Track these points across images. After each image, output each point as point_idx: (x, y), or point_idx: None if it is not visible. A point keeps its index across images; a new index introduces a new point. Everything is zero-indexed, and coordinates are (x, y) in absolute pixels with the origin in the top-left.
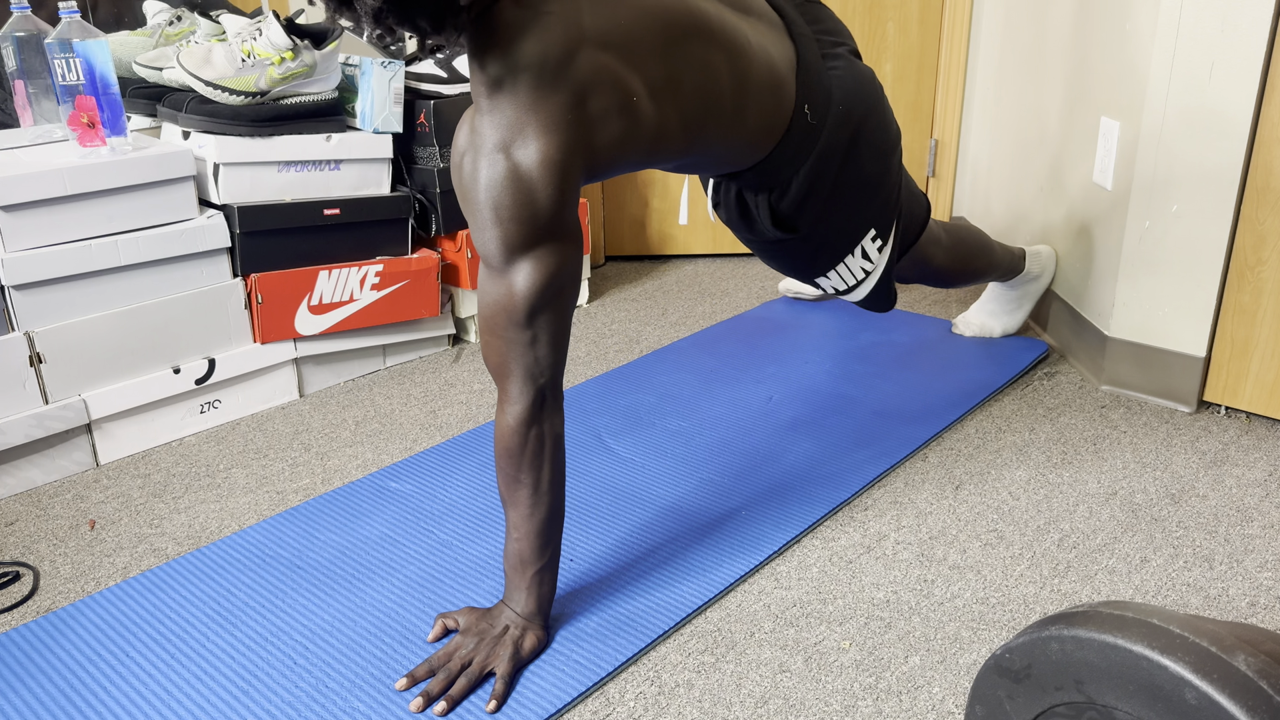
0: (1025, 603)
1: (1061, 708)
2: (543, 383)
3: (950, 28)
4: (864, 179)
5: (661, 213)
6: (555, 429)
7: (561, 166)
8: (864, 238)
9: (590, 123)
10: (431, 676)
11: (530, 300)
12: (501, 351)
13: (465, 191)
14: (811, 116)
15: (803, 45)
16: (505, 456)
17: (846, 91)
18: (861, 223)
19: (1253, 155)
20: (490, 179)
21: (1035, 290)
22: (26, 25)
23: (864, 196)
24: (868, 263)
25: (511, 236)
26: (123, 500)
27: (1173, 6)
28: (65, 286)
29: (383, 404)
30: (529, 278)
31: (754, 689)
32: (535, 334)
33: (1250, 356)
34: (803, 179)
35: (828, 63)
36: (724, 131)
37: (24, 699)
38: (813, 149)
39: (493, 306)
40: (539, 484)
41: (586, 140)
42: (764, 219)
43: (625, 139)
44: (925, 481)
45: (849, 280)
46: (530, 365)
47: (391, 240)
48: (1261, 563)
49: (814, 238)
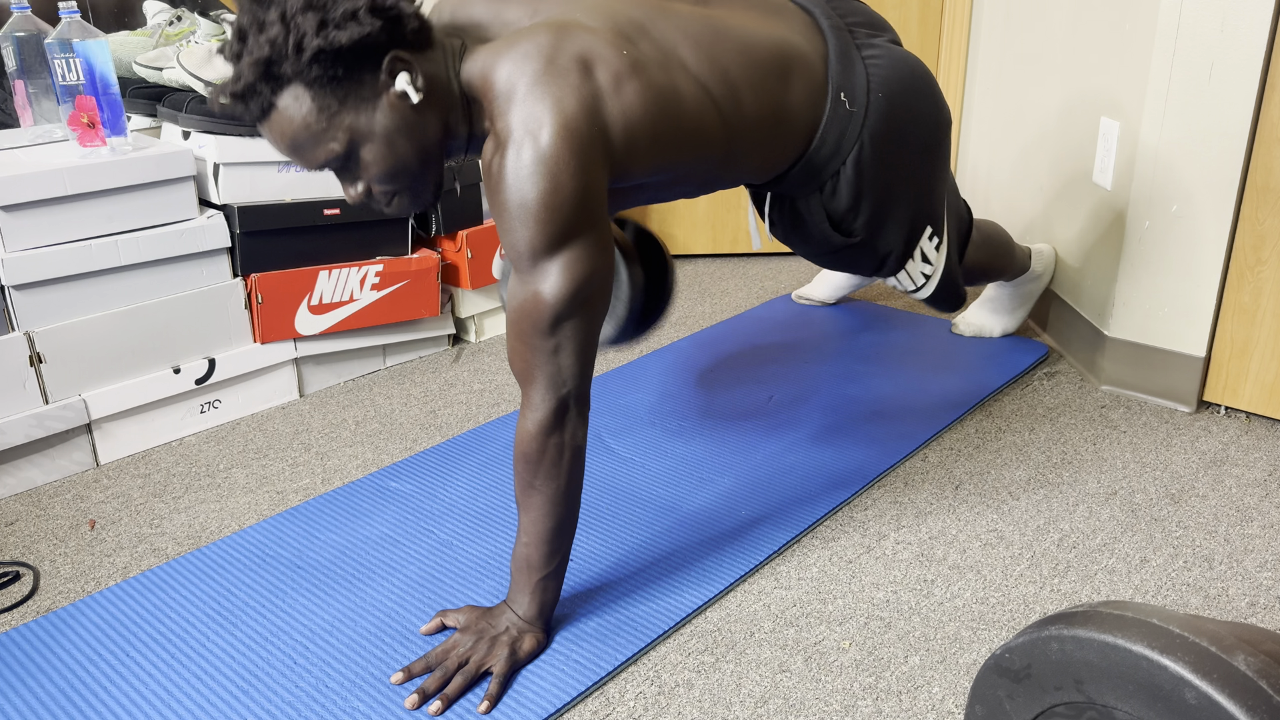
0: (1025, 603)
1: (1061, 708)
2: (565, 392)
3: (950, 28)
4: (915, 168)
5: (661, 212)
6: (576, 440)
7: (581, 136)
8: (921, 237)
9: (602, 94)
10: (428, 673)
11: (556, 307)
12: (525, 357)
13: (492, 195)
14: (850, 104)
15: (833, 36)
16: (522, 461)
17: (885, 77)
18: (919, 216)
19: (1253, 155)
20: (515, 170)
21: (1035, 290)
22: (26, 25)
23: (917, 188)
24: (927, 265)
25: (536, 235)
26: (123, 500)
27: (1173, 6)
28: (65, 286)
29: (383, 404)
30: (556, 283)
31: (754, 689)
32: (559, 342)
33: (1250, 356)
34: (850, 170)
35: (863, 52)
36: (757, 117)
37: (24, 699)
38: (856, 139)
39: (518, 311)
40: (554, 493)
41: (601, 110)
42: (820, 224)
43: (645, 109)
44: (925, 481)
45: (918, 279)
46: (553, 373)
47: (391, 240)
48: (1261, 563)
49: (871, 240)
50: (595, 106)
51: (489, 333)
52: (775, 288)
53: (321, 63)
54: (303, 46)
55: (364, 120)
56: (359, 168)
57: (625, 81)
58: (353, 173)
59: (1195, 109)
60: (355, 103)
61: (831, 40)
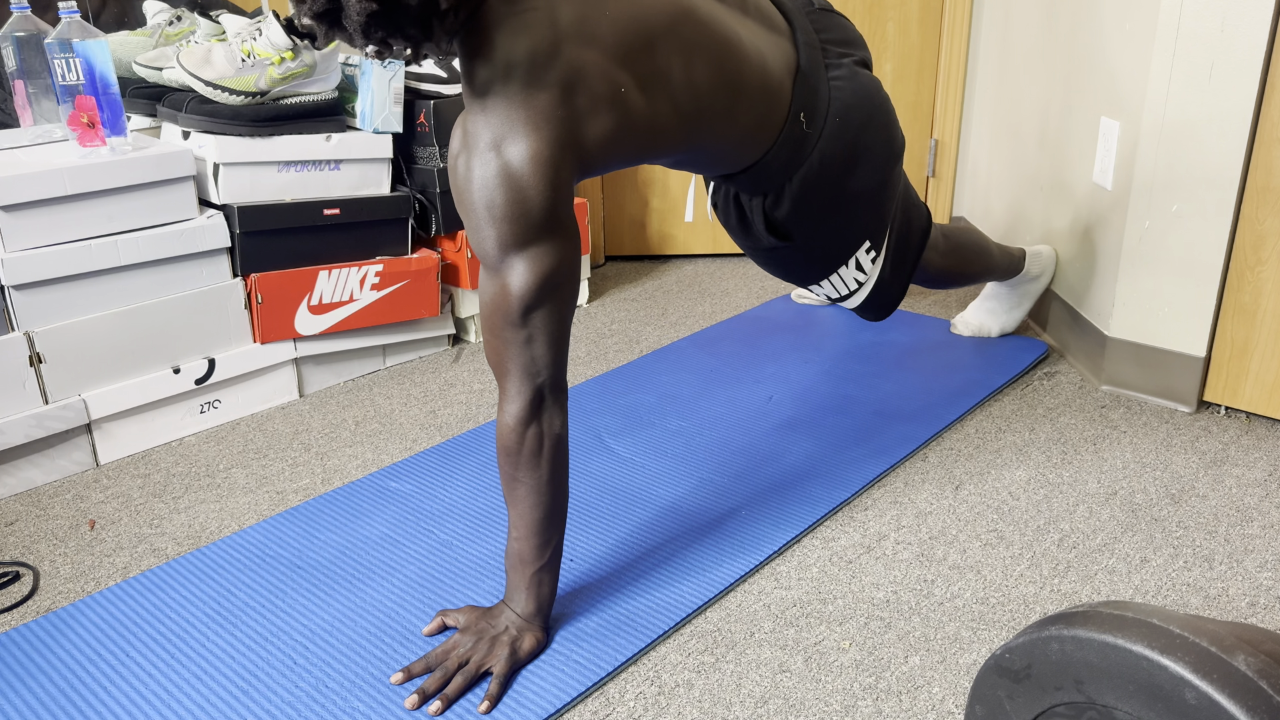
0: (1025, 603)
1: (1061, 708)
2: (540, 381)
3: (950, 28)
4: (860, 191)
5: (661, 213)
6: (555, 429)
7: (552, 162)
8: (858, 249)
9: (579, 117)
10: (428, 673)
11: (525, 298)
12: (499, 350)
13: (460, 192)
14: (807, 125)
15: (805, 53)
16: (504, 454)
17: (845, 103)
18: (856, 234)
19: (1252, 155)
20: (483, 178)
21: (1034, 290)
22: (26, 25)
23: (860, 209)
24: (860, 274)
25: (504, 235)
26: (123, 500)
27: (1173, 6)
28: (65, 286)
29: (383, 404)
30: (523, 276)
31: (754, 689)
32: (531, 332)
33: (1250, 356)
34: (795, 187)
35: (830, 72)
36: (717, 128)
37: (24, 699)
38: (805, 157)
39: (490, 305)
40: (537, 483)
41: (576, 135)
42: (758, 225)
43: (617, 132)
44: (925, 481)
45: (842, 290)
46: (527, 364)
47: (391, 240)
48: (1261, 563)
49: (808, 247)
50: (569, 133)
51: None
52: (775, 288)
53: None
54: None
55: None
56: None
57: (603, 110)
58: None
59: (1195, 109)
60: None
61: (804, 58)
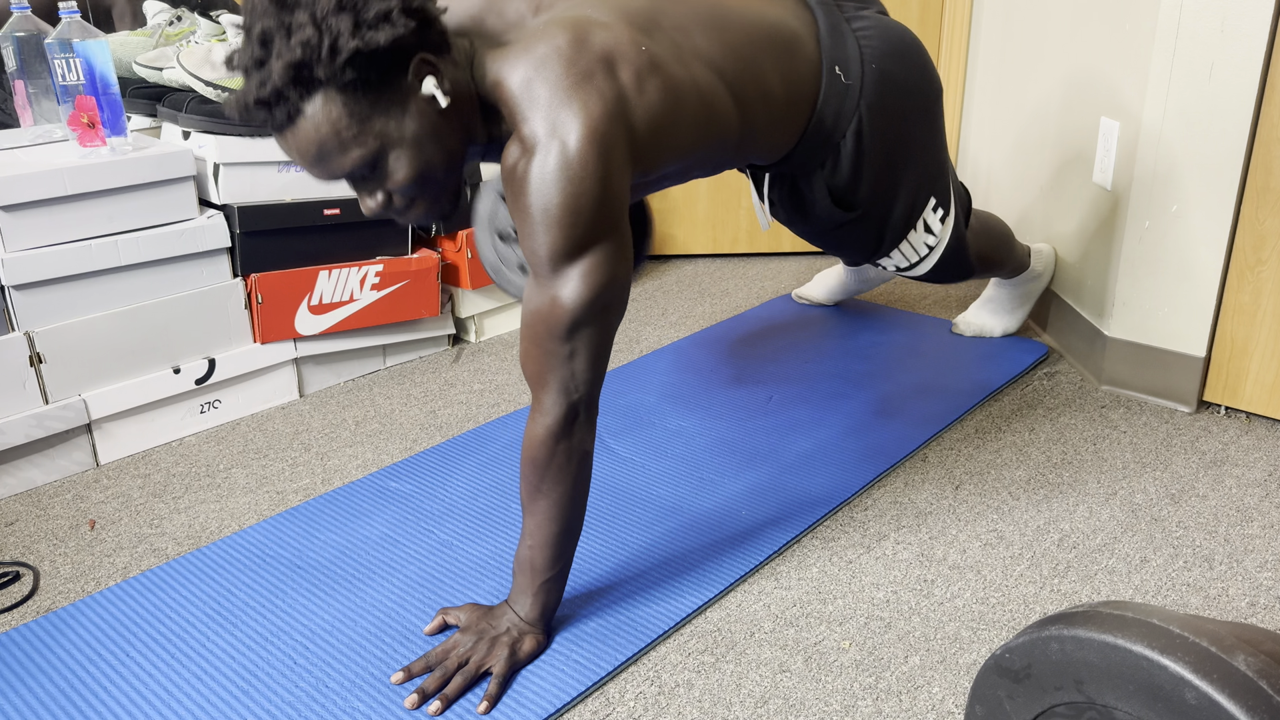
0: (1025, 603)
1: (1061, 708)
2: (576, 398)
3: (950, 28)
4: (913, 138)
5: (662, 213)
6: (585, 446)
7: (607, 140)
8: (925, 208)
9: (627, 95)
10: (428, 673)
11: (574, 314)
12: (539, 361)
13: (516, 197)
14: (845, 78)
15: (821, 12)
16: (530, 465)
17: (878, 50)
18: (920, 188)
19: (1252, 155)
20: (541, 175)
21: (1035, 290)
22: (26, 25)
23: (916, 156)
24: (930, 236)
25: (558, 240)
26: (123, 500)
27: (1173, 6)
28: (65, 286)
29: (383, 404)
30: (575, 290)
31: (754, 689)
32: (574, 348)
33: (1250, 356)
34: (850, 143)
35: (852, 25)
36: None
37: (24, 699)
38: (854, 110)
39: (534, 315)
40: (560, 498)
41: (627, 113)
42: (822, 201)
43: (664, 105)
44: (925, 481)
45: (912, 256)
46: (566, 379)
47: (391, 240)
48: (1261, 563)
49: (875, 213)
50: (620, 109)
51: (489, 333)
52: (775, 288)
53: (356, 66)
54: (338, 48)
55: (394, 126)
56: (383, 176)
57: (647, 79)
58: (374, 181)
59: (1195, 109)
60: (385, 107)
61: (820, 16)
